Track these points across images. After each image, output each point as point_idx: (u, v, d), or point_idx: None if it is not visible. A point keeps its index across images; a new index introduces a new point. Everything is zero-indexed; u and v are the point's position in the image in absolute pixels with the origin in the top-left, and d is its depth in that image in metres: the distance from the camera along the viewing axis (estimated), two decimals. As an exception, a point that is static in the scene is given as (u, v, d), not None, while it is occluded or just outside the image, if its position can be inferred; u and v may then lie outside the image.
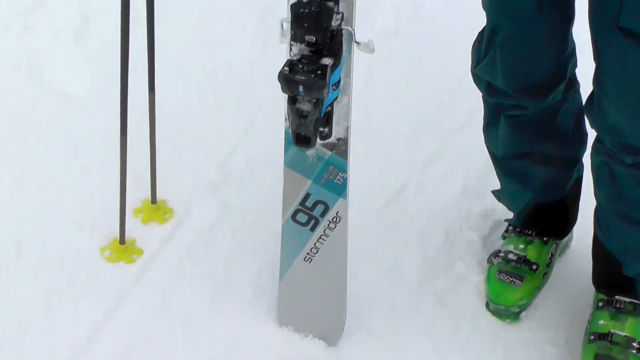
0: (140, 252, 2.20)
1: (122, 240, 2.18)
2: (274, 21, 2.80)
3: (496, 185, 2.19)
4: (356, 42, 1.73)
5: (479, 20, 1.88)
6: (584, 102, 2.01)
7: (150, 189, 2.27)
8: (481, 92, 2.00)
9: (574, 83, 1.98)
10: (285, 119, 1.78)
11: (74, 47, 2.77)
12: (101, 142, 2.43)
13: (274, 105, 2.08)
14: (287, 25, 1.71)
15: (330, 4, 1.66)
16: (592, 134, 1.91)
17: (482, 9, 1.87)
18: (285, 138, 1.85)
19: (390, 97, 2.69)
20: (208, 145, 2.49)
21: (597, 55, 1.76)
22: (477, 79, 1.98)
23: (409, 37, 2.90)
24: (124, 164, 2.05)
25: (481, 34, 1.93)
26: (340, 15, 1.69)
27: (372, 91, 2.66)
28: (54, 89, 2.64)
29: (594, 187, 1.96)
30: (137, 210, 2.28)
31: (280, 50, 1.76)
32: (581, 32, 1.85)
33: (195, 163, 2.44)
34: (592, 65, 1.80)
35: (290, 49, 1.69)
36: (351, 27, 1.72)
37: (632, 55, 1.66)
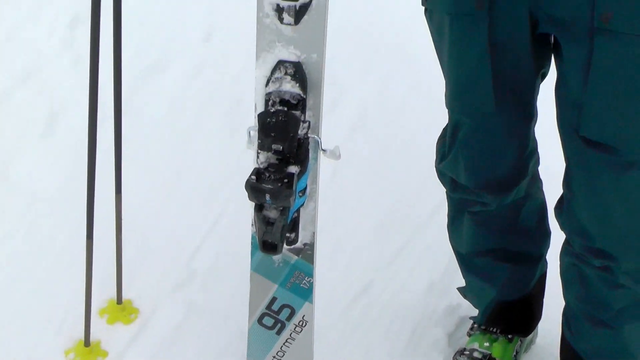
0: (105, 354, 2.17)
1: (87, 342, 2.15)
2: (241, 114, 2.86)
3: (461, 281, 2.20)
4: (322, 150, 1.76)
5: (444, 114, 1.92)
6: (547, 200, 2.06)
7: (116, 288, 2.26)
8: (445, 187, 2.04)
9: (536, 180, 2.02)
10: (252, 225, 1.80)
11: (41, 143, 2.78)
12: (67, 242, 2.42)
13: (240, 201, 2.09)
14: (254, 134, 1.74)
15: (297, 113, 1.69)
16: (561, 235, 1.92)
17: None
18: (251, 243, 1.86)
19: (356, 192, 2.71)
20: (174, 243, 2.49)
21: (565, 159, 1.81)
22: (441, 175, 2.01)
23: (375, 131, 2.94)
24: (90, 268, 2.05)
25: (445, 130, 1.97)
26: (307, 124, 1.72)
27: (338, 185, 2.69)
28: (20, 188, 2.63)
29: (563, 288, 1.97)
30: (103, 311, 2.26)
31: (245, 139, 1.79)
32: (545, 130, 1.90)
33: (162, 261, 2.43)
34: (553, 164, 1.84)
35: (258, 157, 1.72)
36: (317, 136, 1.75)
37: (595, 162, 1.70)
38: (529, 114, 1.88)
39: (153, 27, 3.24)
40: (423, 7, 1.85)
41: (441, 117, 1.95)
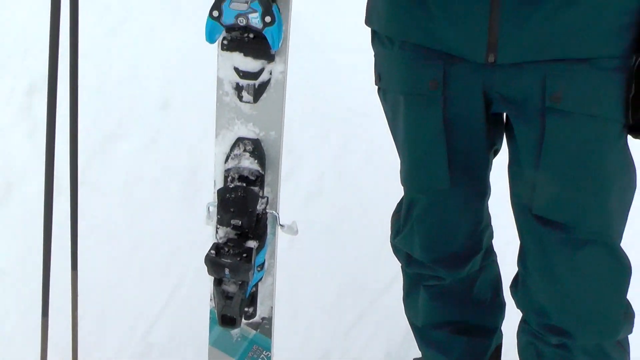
0: None
1: (39, 422, 2.12)
2: (198, 184, 2.87)
3: (418, 351, 2.21)
4: (280, 225, 1.77)
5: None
6: (501, 273, 2.08)
7: (71, 364, 2.23)
8: (400, 262, 2.05)
9: (490, 253, 2.05)
10: (211, 299, 1.80)
11: (-4, 214, 2.76)
12: (22, 317, 2.38)
13: (198, 273, 2.09)
14: (213, 209, 1.75)
15: (256, 189, 1.71)
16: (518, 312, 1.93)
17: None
18: (210, 317, 1.86)
19: (314, 261, 2.71)
20: (131, 317, 2.46)
21: (520, 237, 1.82)
22: (396, 250, 2.03)
23: (332, 199, 2.95)
24: (45, 346, 2.02)
25: (400, 205, 1.99)
26: (265, 199, 1.74)
27: (295, 254, 2.69)
28: (-26, 260, 2.60)
29: None
30: (57, 388, 2.23)
31: (204, 214, 1.79)
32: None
33: (118, 336, 2.40)
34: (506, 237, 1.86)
35: (217, 232, 1.72)
36: (276, 211, 1.77)
37: (550, 240, 1.72)
38: (483, 190, 1.91)
39: (110, 95, 3.25)
40: (376, 87, 1.89)
41: (398, 184, 1.97)
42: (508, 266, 2.01)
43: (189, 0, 3.61)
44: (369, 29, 1.86)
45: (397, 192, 1.99)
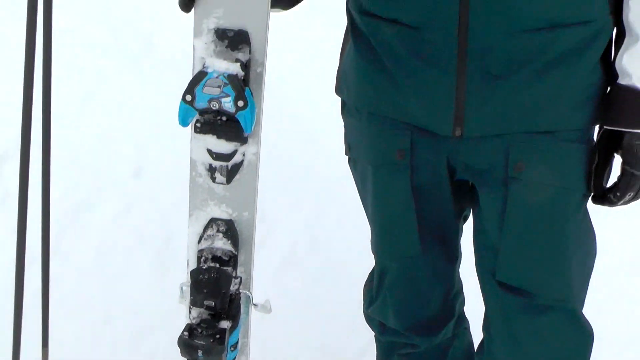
0: None
1: None
2: (171, 255, 2.86)
3: (392, 423, 2.19)
4: (254, 304, 1.77)
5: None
6: (474, 342, 2.09)
7: None
8: (374, 331, 2.06)
9: (463, 320, 2.06)
10: (185, 377, 1.79)
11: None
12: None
13: (170, 349, 2.07)
14: (186, 289, 1.75)
15: (229, 269, 1.71)
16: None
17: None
18: (183, 398, 1.84)
19: (288, 332, 2.70)
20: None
21: (484, 302, 1.85)
22: (370, 320, 2.04)
23: (306, 267, 2.96)
24: None
25: (371, 274, 2.00)
26: (239, 279, 1.74)
27: (269, 325, 2.66)
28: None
29: None
30: None
31: (178, 284, 1.78)
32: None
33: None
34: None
35: (190, 312, 1.72)
36: (249, 291, 1.77)
37: (511, 306, 1.75)
38: (454, 255, 1.94)
39: (83, 163, 3.25)
40: (347, 156, 1.91)
41: (371, 252, 1.98)
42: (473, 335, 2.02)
43: (162, 67, 3.65)
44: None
45: (369, 259, 2.00)
